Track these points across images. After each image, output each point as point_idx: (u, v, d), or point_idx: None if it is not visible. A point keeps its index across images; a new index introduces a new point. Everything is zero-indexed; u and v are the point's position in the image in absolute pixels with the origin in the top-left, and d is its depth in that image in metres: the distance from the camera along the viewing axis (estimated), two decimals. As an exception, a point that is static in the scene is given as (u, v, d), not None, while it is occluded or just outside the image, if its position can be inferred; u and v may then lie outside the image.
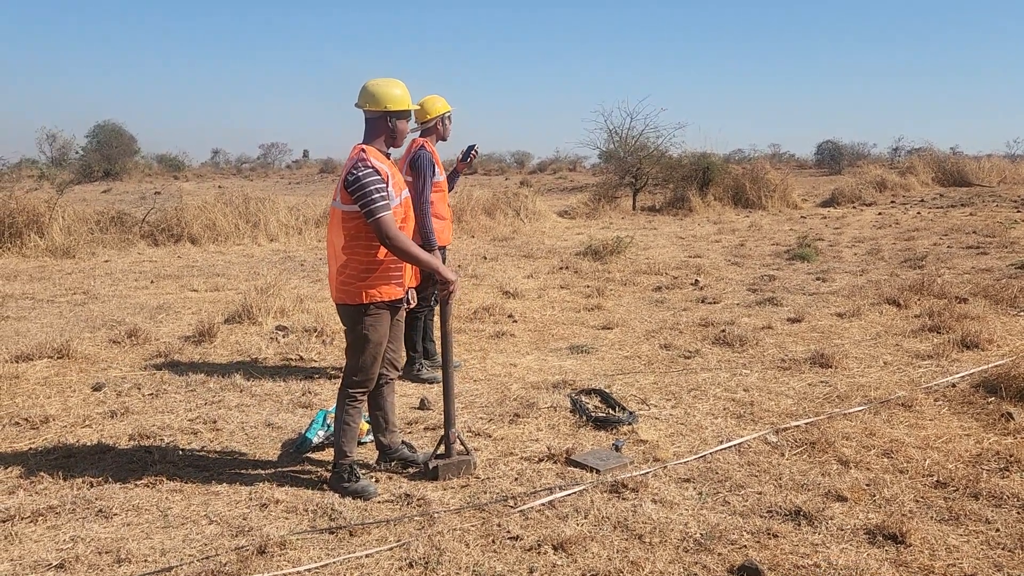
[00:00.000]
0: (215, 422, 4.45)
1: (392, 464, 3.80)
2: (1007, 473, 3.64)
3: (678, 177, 19.66)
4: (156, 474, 3.69)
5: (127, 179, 33.09)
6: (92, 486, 3.59)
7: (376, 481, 3.65)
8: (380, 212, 3.30)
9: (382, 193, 3.33)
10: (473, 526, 3.20)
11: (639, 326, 6.90)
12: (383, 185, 3.35)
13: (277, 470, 3.79)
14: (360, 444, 3.95)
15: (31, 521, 3.23)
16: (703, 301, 7.94)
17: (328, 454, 3.91)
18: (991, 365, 5.19)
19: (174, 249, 12.37)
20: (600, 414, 4.46)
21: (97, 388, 5.05)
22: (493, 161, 46.62)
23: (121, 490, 3.55)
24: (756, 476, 3.67)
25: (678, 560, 2.93)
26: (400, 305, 3.60)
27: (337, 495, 3.48)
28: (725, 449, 3.99)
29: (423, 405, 4.77)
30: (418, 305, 4.82)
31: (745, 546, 3.02)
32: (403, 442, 3.90)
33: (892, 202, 20.13)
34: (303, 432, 4.13)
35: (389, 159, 3.56)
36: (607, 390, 4.88)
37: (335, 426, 3.60)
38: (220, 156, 53.95)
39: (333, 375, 5.42)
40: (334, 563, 2.92)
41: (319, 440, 4.04)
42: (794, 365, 5.49)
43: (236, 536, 3.12)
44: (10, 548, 3.04)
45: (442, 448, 3.75)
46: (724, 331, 6.41)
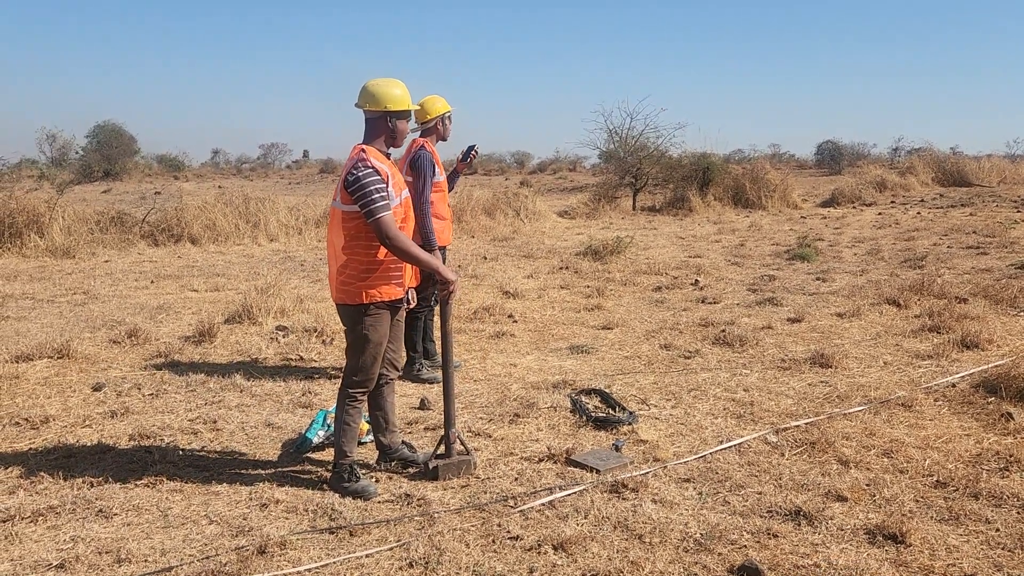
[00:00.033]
0: (215, 422, 4.45)
1: (392, 464, 3.80)
2: (1007, 473, 3.65)
3: (678, 177, 19.66)
4: (156, 474, 3.69)
5: (127, 179, 33.11)
6: (92, 486, 3.60)
7: (376, 481, 3.65)
8: (380, 212, 3.30)
9: (382, 193, 3.33)
10: (473, 526, 3.20)
11: (639, 326, 6.90)
12: (383, 185, 3.36)
13: (277, 470, 3.80)
14: (360, 444, 3.95)
15: (31, 521, 3.23)
16: (703, 301, 7.94)
17: (328, 454, 3.92)
18: (991, 365, 5.19)
19: (174, 249, 12.37)
20: (600, 414, 4.46)
21: (97, 388, 5.05)
22: (493, 161, 46.62)
23: (121, 490, 3.56)
24: (756, 476, 3.68)
25: (678, 560, 2.93)
26: (400, 305, 3.60)
27: (337, 495, 3.48)
28: (725, 449, 3.99)
29: (423, 405, 4.77)
30: (418, 305, 4.82)
31: (745, 546, 3.02)
32: (403, 442, 3.91)
33: (892, 202, 20.13)
34: (303, 432, 4.14)
35: (389, 159, 3.56)
36: (607, 390, 4.88)
37: (335, 426, 3.61)
38: (220, 156, 54.04)
39: (333, 375, 5.42)
40: (334, 563, 2.93)
41: (319, 440, 4.04)
42: (794, 365, 5.49)
43: (236, 536, 3.13)
44: (10, 548, 3.04)
45: (442, 448, 3.75)
46: (724, 331, 6.41)
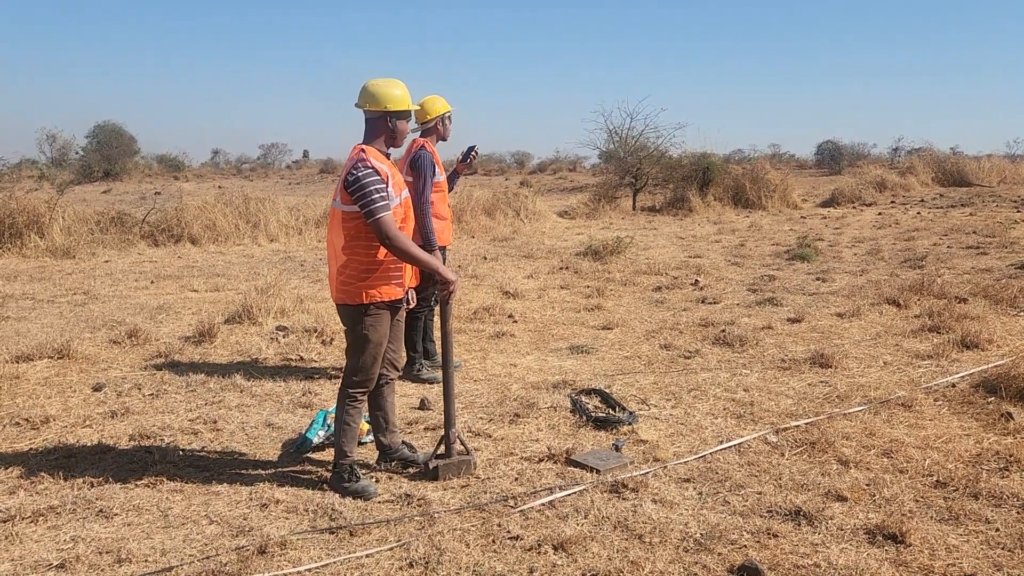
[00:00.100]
0: (215, 422, 4.45)
1: (392, 464, 3.80)
2: (1007, 473, 3.65)
3: (678, 177, 19.66)
4: (156, 474, 3.69)
5: (127, 179, 33.11)
6: (93, 486, 3.60)
7: (376, 481, 3.65)
8: (380, 212, 3.31)
9: (382, 193, 3.33)
10: (473, 526, 3.20)
11: (639, 326, 6.90)
12: (383, 185, 3.36)
13: (277, 470, 3.80)
14: (360, 444, 3.95)
15: (32, 521, 3.23)
16: (703, 301, 7.95)
17: (328, 454, 3.92)
18: (991, 365, 5.19)
19: (174, 249, 12.37)
20: (600, 414, 4.46)
21: (97, 388, 5.05)
22: (493, 161, 46.62)
23: (121, 490, 3.56)
24: (756, 476, 3.68)
25: (678, 560, 2.93)
26: (400, 305, 3.60)
27: (337, 495, 3.48)
28: (725, 449, 4.00)
29: (423, 405, 4.77)
30: (418, 305, 4.83)
31: (745, 546, 3.02)
32: (403, 442, 3.91)
33: (892, 202, 20.14)
34: (303, 432, 4.14)
35: (389, 159, 3.57)
36: (607, 390, 4.88)
37: (335, 426, 3.61)
38: (220, 156, 54.00)
39: (333, 375, 5.42)
40: (334, 563, 2.93)
41: (319, 440, 4.04)
42: (794, 365, 5.49)
43: (236, 536, 3.13)
44: (11, 548, 3.04)
45: (442, 448, 3.75)
46: (724, 331, 6.41)
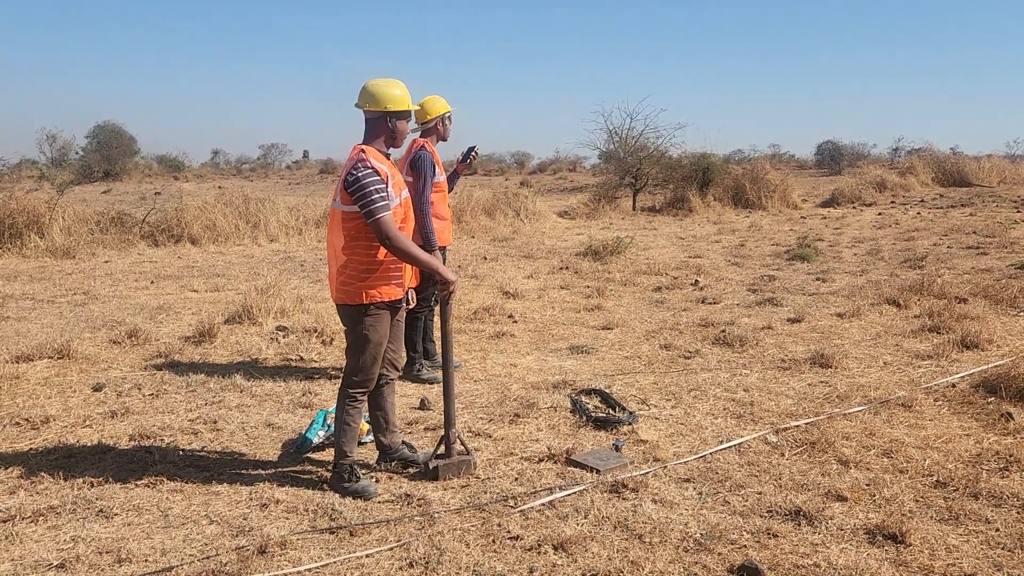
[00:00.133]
0: (215, 422, 4.45)
1: (392, 464, 3.80)
2: (1007, 473, 3.65)
3: (678, 177, 19.67)
4: (156, 474, 3.69)
5: (127, 180, 33.12)
6: (93, 486, 3.60)
7: (376, 481, 3.65)
8: (380, 212, 3.31)
9: (382, 194, 3.34)
10: (473, 526, 3.20)
11: (639, 326, 6.90)
12: (383, 186, 3.36)
13: (277, 470, 3.80)
14: (360, 444, 3.95)
15: (32, 521, 3.23)
16: (703, 301, 7.95)
17: (328, 454, 3.92)
18: (991, 365, 5.19)
19: (174, 250, 12.37)
20: (600, 414, 4.46)
21: (97, 388, 5.05)
22: (493, 161, 46.64)
23: (122, 490, 3.56)
24: (756, 476, 3.68)
25: (678, 560, 2.93)
26: (400, 305, 3.60)
27: (337, 495, 3.48)
28: (725, 449, 4.00)
29: (423, 405, 4.78)
30: (418, 305, 4.82)
31: (745, 546, 3.02)
32: (403, 442, 3.91)
33: (892, 202, 20.14)
34: (303, 432, 4.14)
35: (389, 159, 3.57)
36: (607, 390, 4.88)
37: (335, 426, 3.61)
38: (220, 156, 54.02)
39: (333, 375, 5.42)
40: (334, 563, 2.93)
41: (319, 440, 4.04)
42: (794, 365, 5.49)
43: (237, 536, 3.13)
44: (11, 548, 3.04)
45: (442, 448, 3.75)
46: (724, 331, 6.41)
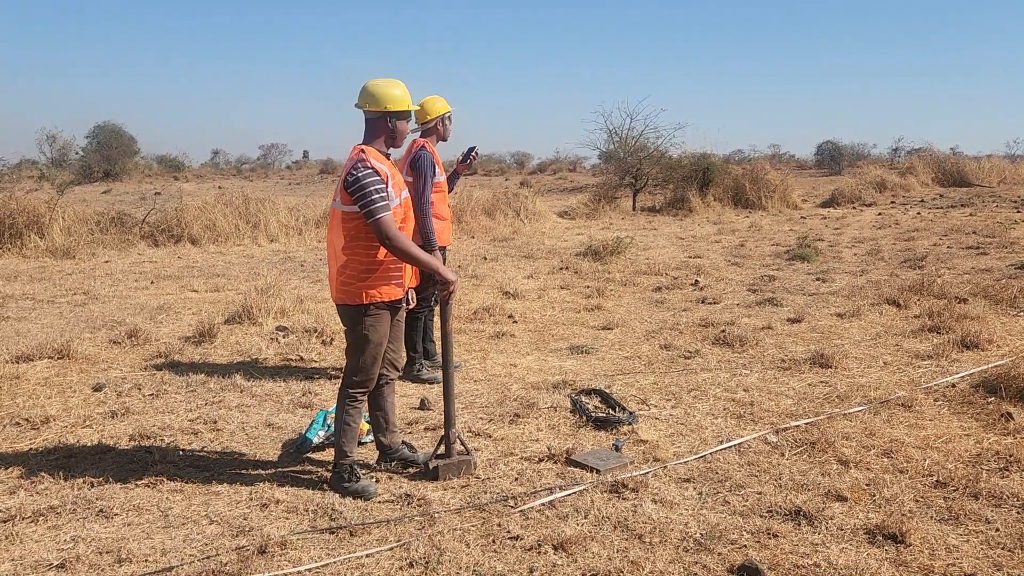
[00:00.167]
0: (215, 422, 4.45)
1: (392, 464, 3.80)
2: (1007, 473, 3.65)
3: (678, 177, 19.67)
4: (157, 474, 3.69)
5: (127, 180, 33.12)
6: (93, 486, 3.60)
7: (376, 481, 3.65)
8: (380, 213, 3.31)
9: (382, 194, 3.34)
10: (473, 526, 3.21)
11: (639, 326, 6.90)
12: (383, 186, 3.36)
13: (277, 470, 3.80)
14: (360, 444, 3.95)
15: (32, 521, 3.23)
16: (703, 301, 7.95)
17: (328, 454, 3.92)
18: (991, 365, 5.19)
19: (174, 250, 12.38)
20: (600, 414, 4.46)
21: (97, 388, 5.05)
22: (493, 161, 46.64)
23: (122, 490, 3.56)
24: (756, 476, 3.68)
25: (678, 560, 2.93)
26: (400, 305, 3.60)
27: (337, 495, 3.48)
28: (725, 449, 4.00)
29: (423, 405, 4.78)
30: (418, 305, 4.83)
31: (745, 546, 3.02)
32: (403, 442, 3.91)
33: (892, 202, 20.14)
34: (303, 432, 4.14)
35: (389, 159, 3.57)
36: (607, 390, 4.88)
37: (335, 426, 3.61)
38: (220, 157, 54.01)
39: (333, 375, 5.42)
40: (334, 563, 2.93)
41: (319, 440, 4.04)
42: (794, 365, 5.49)
43: (237, 536, 3.13)
44: (11, 548, 3.04)
45: (442, 448, 3.75)
46: (724, 331, 6.41)
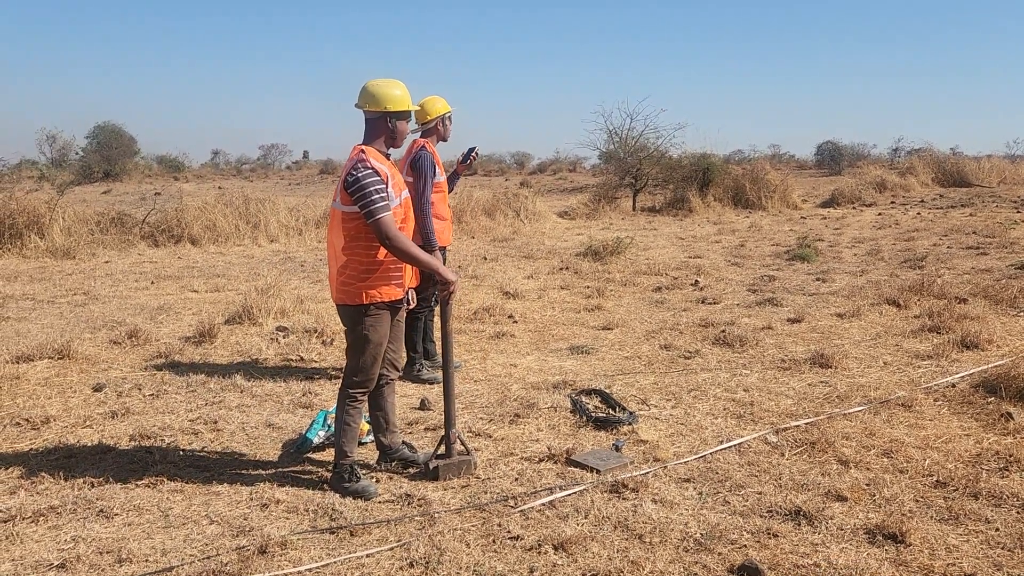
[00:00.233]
0: (216, 422, 4.45)
1: (392, 464, 3.80)
2: (1007, 473, 3.65)
3: (678, 178, 19.67)
4: (157, 474, 3.69)
5: (127, 180, 33.11)
6: (93, 486, 3.60)
7: (377, 481, 3.65)
8: (380, 213, 3.31)
9: (382, 194, 3.34)
10: (474, 526, 3.21)
11: (639, 326, 6.91)
12: (383, 186, 3.36)
13: (278, 470, 3.80)
14: (361, 444, 3.96)
15: (32, 521, 3.24)
16: (703, 302, 7.95)
17: (329, 454, 3.92)
18: (991, 365, 5.20)
19: (174, 250, 12.38)
20: (600, 414, 4.46)
21: (98, 389, 5.05)
22: (493, 162, 46.64)
23: (122, 490, 3.56)
24: (756, 476, 3.68)
25: (678, 560, 2.93)
26: (400, 306, 3.61)
27: (338, 495, 3.48)
28: (725, 449, 4.00)
29: (423, 405, 4.78)
30: (418, 306, 4.83)
31: (745, 546, 3.03)
32: (403, 442, 3.91)
33: (892, 203, 20.14)
34: (304, 432, 4.14)
35: (389, 160, 3.57)
36: (607, 390, 4.89)
37: (336, 426, 3.61)
38: (220, 157, 53.98)
39: (333, 375, 5.42)
40: (335, 563, 2.93)
41: (320, 440, 4.04)
42: (794, 365, 5.49)
43: (237, 536, 3.13)
44: (11, 548, 3.04)
45: (442, 448, 3.75)
46: (724, 331, 6.41)
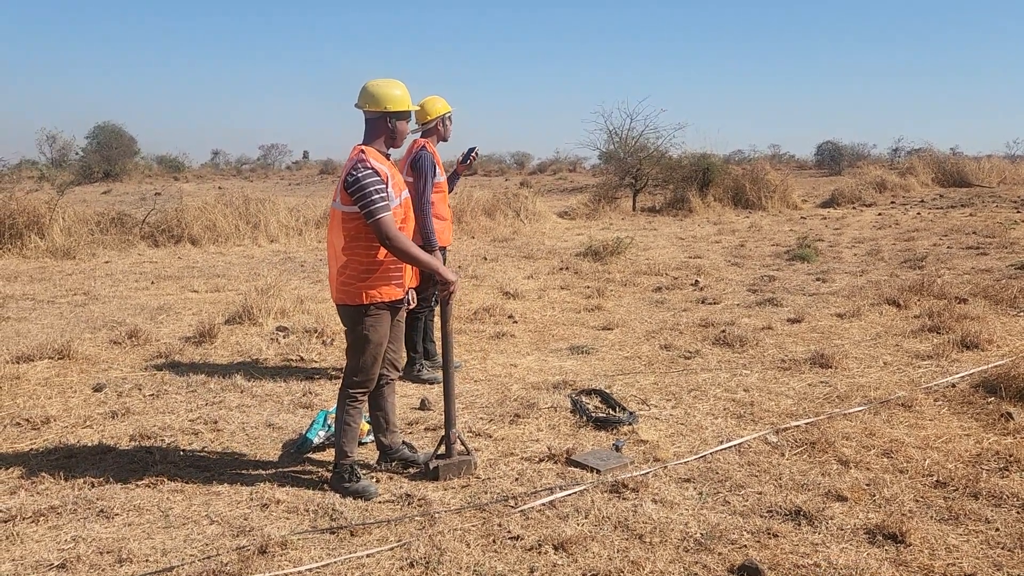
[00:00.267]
0: (216, 423, 4.46)
1: (393, 464, 3.80)
2: (1007, 473, 3.65)
3: (678, 178, 19.67)
4: (157, 474, 3.70)
5: (127, 180, 33.11)
6: (93, 486, 3.60)
7: (377, 481, 3.65)
8: (380, 213, 3.31)
9: (382, 194, 3.34)
10: (474, 526, 3.21)
11: (639, 327, 6.91)
12: (383, 186, 3.36)
13: (278, 470, 3.80)
14: (361, 444, 3.96)
15: (33, 521, 3.24)
16: (703, 302, 7.95)
17: (329, 454, 3.92)
18: (991, 365, 5.20)
19: (174, 250, 12.38)
20: (600, 414, 4.46)
21: (98, 389, 5.05)
22: (493, 162, 46.63)
23: (122, 490, 3.56)
24: (756, 476, 3.68)
25: (678, 560, 2.93)
26: (400, 306, 3.61)
27: (338, 495, 3.48)
28: (725, 449, 4.00)
29: (424, 405, 4.78)
30: (418, 306, 4.83)
31: (745, 546, 3.03)
32: (404, 442, 3.91)
33: (892, 203, 20.14)
34: (304, 432, 4.14)
35: (389, 160, 3.57)
36: (607, 390, 4.89)
37: (336, 426, 3.61)
38: (220, 157, 53.97)
39: (334, 376, 5.42)
40: (335, 563, 2.93)
41: (320, 440, 4.05)
42: (794, 365, 5.49)
43: (237, 536, 3.13)
44: (12, 548, 3.04)
45: (443, 448, 3.75)
46: (724, 331, 6.41)
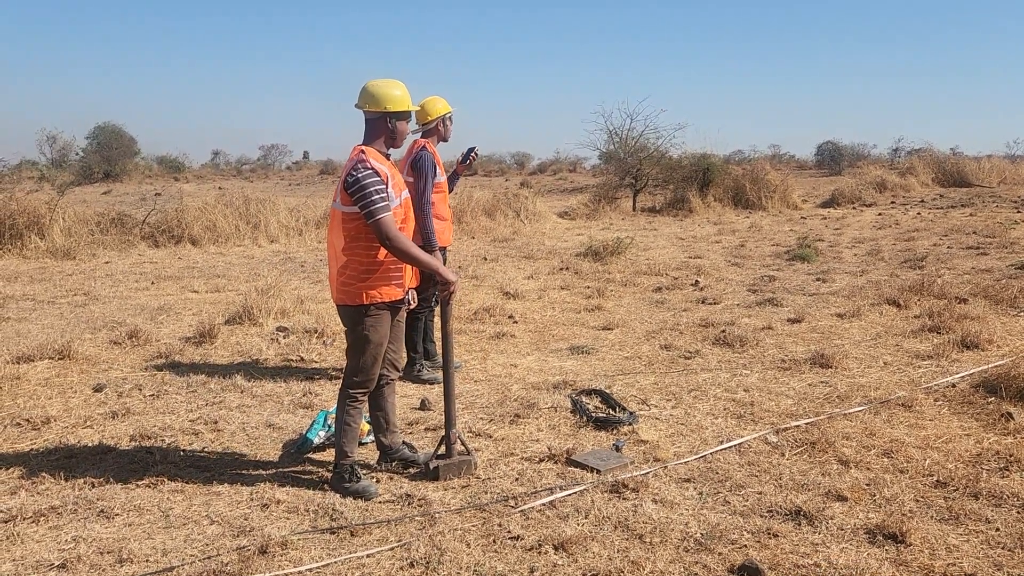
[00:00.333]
0: (216, 423, 4.46)
1: (393, 464, 3.80)
2: (1007, 473, 3.65)
3: (678, 178, 19.67)
4: (157, 474, 3.70)
5: (127, 180, 33.10)
6: (94, 486, 3.60)
7: (377, 481, 3.65)
8: (380, 213, 3.31)
9: (382, 194, 3.34)
10: (474, 526, 3.21)
11: (639, 327, 6.91)
12: (383, 186, 3.36)
13: (278, 470, 3.80)
14: (361, 445, 3.96)
15: (33, 521, 3.24)
16: (703, 302, 7.95)
17: (329, 455, 3.92)
18: (991, 365, 5.20)
19: (175, 250, 12.38)
20: (600, 414, 4.46)
21: (98, 389, 5.06)
22: (493, 162, 46.62)
23: (122, 490, 3.56)
24: (756, 476, 3.68)
25: (678, 560, 2.94)
26: (400, 306, 3.61)
27: (338, 495, 3.49)
28: (725, 449, 4.00)
29: (424, 406, 4.78)
30: (418, 306, 4.83)
31: (745, 546, 3.03)
32: (404, 442, 3.91)
33: (892, 203, 20.14)
34: (304, 433, 4.14)
35: (389, 160, 3.57)
36: (607, 390, 4.89)
37: (336, 427, 3.61)
38: (220, 157, 53.98)
39: (334, 376, 5.43)
40: (335, 563, 2.93)
41: (320, 441, 4.05)
42: (794, 365, 5.49)
43: (237, 536, 3.13)
44: (12, 548, 3.04)
45: (443, 448, 3.75)
46: (724, 332, 6.41)
